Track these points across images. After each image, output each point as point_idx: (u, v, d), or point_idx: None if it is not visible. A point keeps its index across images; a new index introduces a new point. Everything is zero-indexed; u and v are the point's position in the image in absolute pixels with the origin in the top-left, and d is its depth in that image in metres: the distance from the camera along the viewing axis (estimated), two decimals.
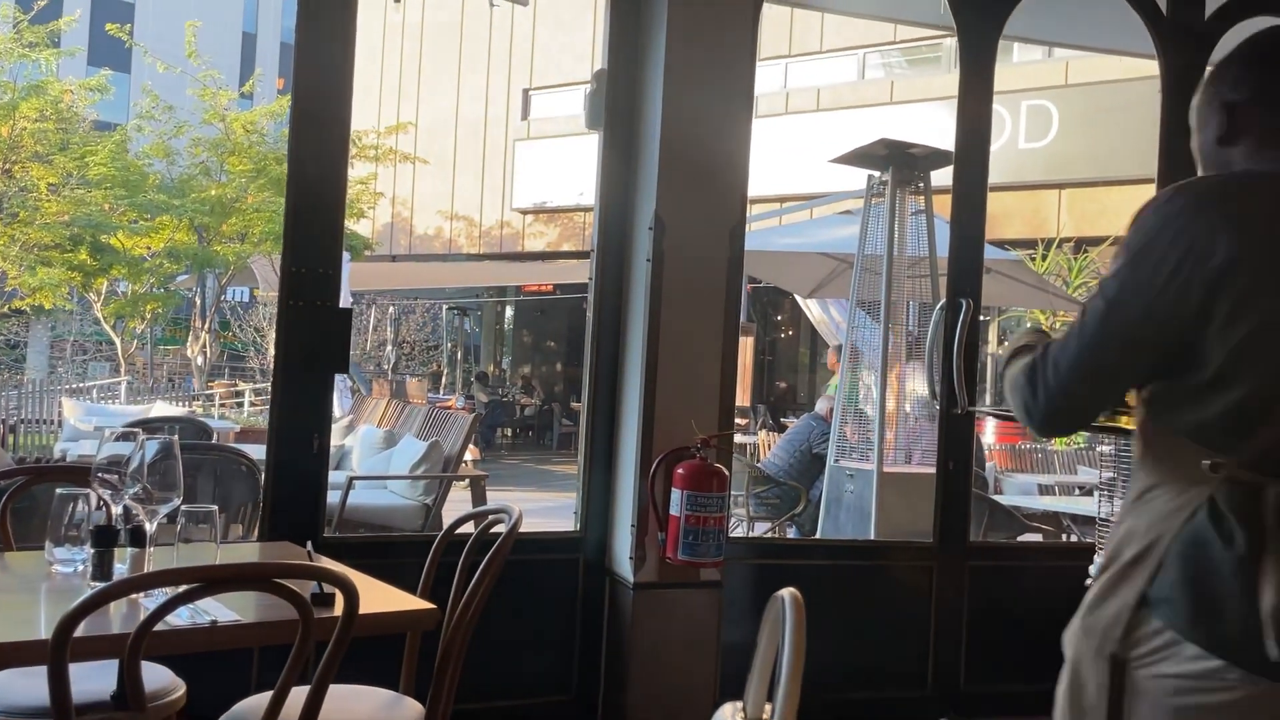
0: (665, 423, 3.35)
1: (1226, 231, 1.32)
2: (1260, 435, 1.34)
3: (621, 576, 3.39)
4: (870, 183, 4.90)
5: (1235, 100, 1.48)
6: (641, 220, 3.48)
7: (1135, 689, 1.38)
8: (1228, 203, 1.37)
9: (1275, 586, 1.26)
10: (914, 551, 3.89)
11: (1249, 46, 1.52)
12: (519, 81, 16.51)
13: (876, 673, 3.76)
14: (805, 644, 0.73)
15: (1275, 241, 1.33)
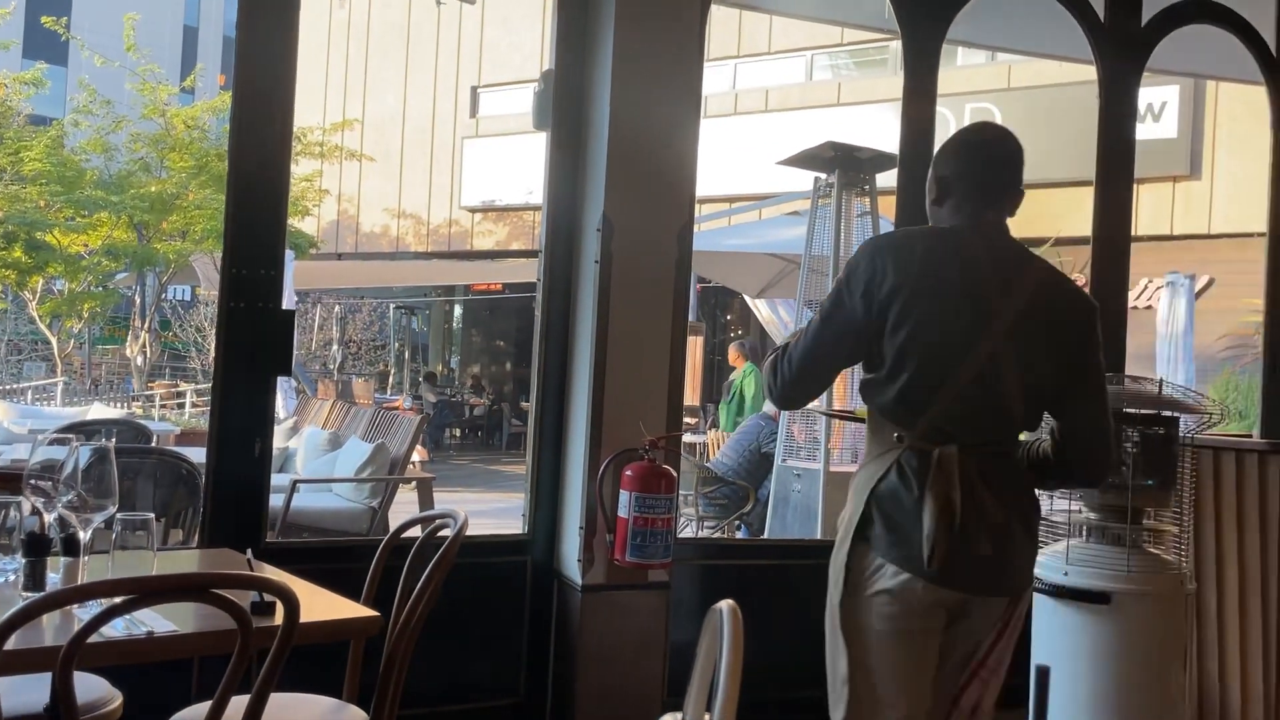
0: (613, 424, 3.35)
1: (893, 269, 1.95)
2: (927, 414, 1.93)
3: (569, 579, 3.38)
4: (817, 184, 4.93)
5: (944, 175, 2.10)
6: (589, 221, 3.47)
7: (859, 605, 2.01)
8: (898, 250, 2.00)
9: (932, 518, 1.87)
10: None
11: (957, 138, 2.14)
12: (467, 79, 16.39)
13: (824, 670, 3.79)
14: (742, 655, 0.74)
15: (925, 275, 1.95)
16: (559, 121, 3.55)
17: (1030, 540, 2.00)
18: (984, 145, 2.09)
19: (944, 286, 1.95)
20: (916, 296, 1.93)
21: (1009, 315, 1.92)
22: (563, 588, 3.42)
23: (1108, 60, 4.15)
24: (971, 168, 2.05)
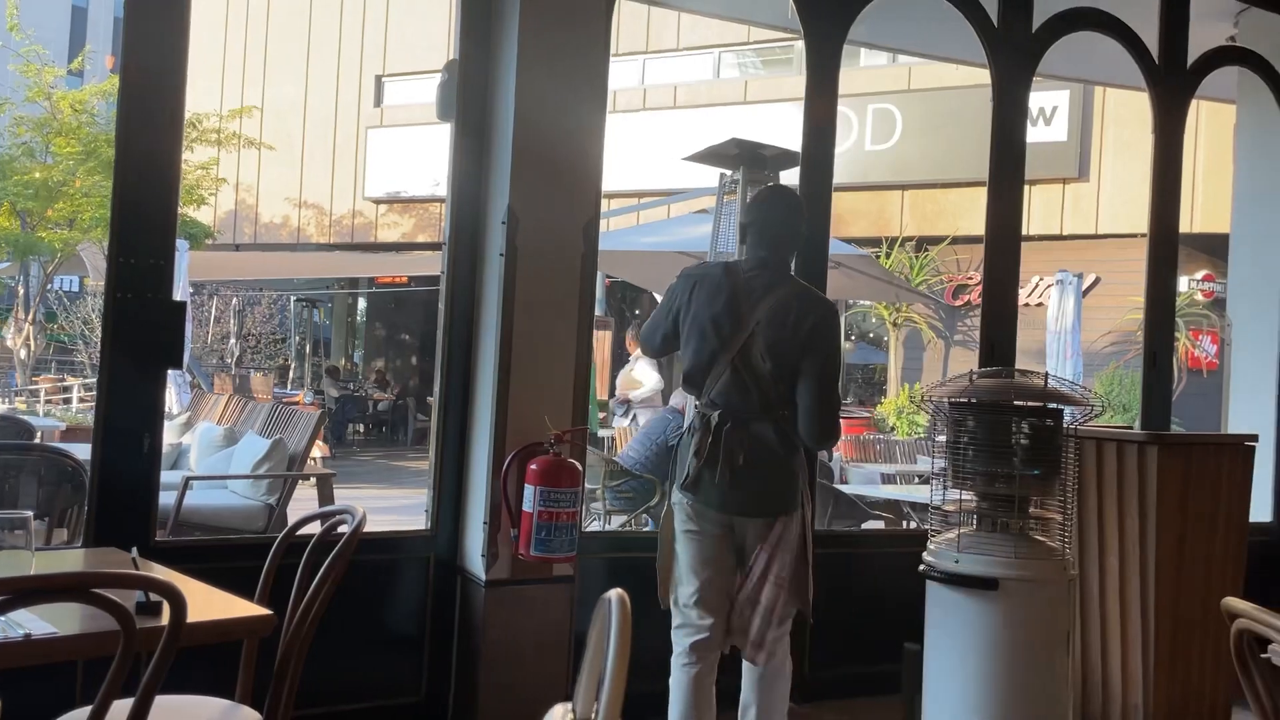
0: (519, 418, 3.33)
1: (686, 289, 2.91)
2: (704, 391, 2.84)
3: (473, 574, 3.35)
4: (722, 181, 4.97)
5: (744, 222, 2.99)
6: (494, 213, 3.44)
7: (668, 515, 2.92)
8: (692, 277, 2.94)
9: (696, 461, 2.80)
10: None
11: (754, 196, 3.19)
12: (372, 67, 16.06)
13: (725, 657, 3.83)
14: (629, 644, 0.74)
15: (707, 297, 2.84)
16: (463, 112, 3.51)
17: (771, 480, 2.77)
18: (766, 205, 2.97)
19: (715, 305, 2.82)
20: (699, 311, 2.84)
21: (754, 324, 2.77)
22: (466, 584, 3.39)
23: (1000, 64, 4.29)
24: (756, 221, 2.92)
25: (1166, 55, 4.64)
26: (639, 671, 2.79)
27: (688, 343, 2.85)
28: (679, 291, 2.91)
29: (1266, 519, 4.85)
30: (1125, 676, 3.42)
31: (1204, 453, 3.48)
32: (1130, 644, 3.41)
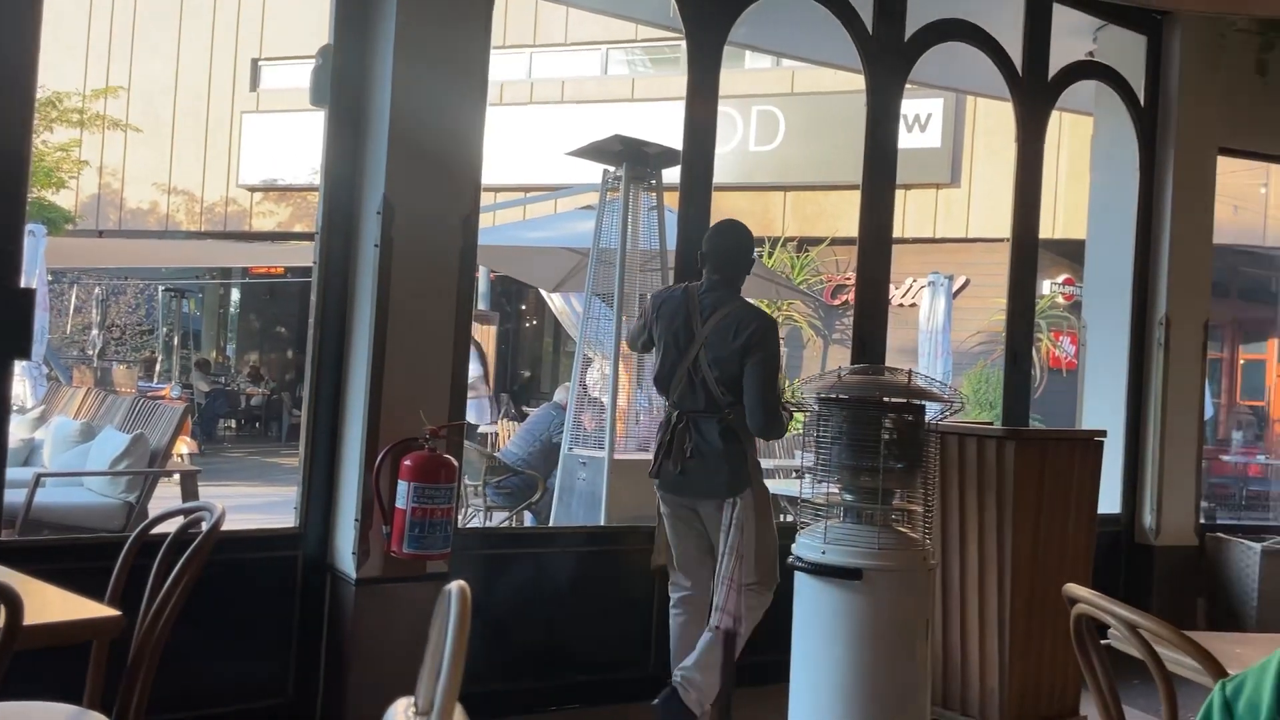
0: (392, 413, 3.27)
1: (655, 307, 3.47)
2: (669, 393, 3.37)
3: (343, 573, 3.28)
4: (605, 177, 4.99)
5: (703, 251, 3.45)
6: (369, 204, 3.37)
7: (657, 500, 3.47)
8: (659, 298, 3.50)
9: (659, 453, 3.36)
10: (645, 535, 4.01)
11: (713, 228, 3.56)
12: (248, 50, 15.51)
13: (603, 653, 3.84)
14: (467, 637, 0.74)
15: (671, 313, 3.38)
16: (338, 100, 3.43)
17: (713, 469, 3.23)
18: (721, 235, 3.47)
19: (675, 322, 3.36)
20: (664, 327, 3.39)
21: (702, 337, 3.29)
22: (336, 582, 3.31)
23: (874, 70, 4.42)
24: (713, 249, 3.42)
25: (1029, 68, 4.86)
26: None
27: (657, 353, 3.42)
28: (650, 310, 3.50)
29: (1116, 510, 5.14)
30: (983, 660, 3.57)
31: (1058, 448, 3.66)
32: (988, 629, 3.56)
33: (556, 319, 10.48)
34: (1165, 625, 1.60)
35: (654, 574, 3.81)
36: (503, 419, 8.88)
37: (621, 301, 4.77)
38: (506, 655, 3.64)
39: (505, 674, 3.63)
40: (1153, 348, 5.13)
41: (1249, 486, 9.72)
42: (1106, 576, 5.02)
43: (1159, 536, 5.06)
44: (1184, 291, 5.16)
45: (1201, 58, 5.17)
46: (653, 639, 3.91)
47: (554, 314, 10.12)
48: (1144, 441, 5.13)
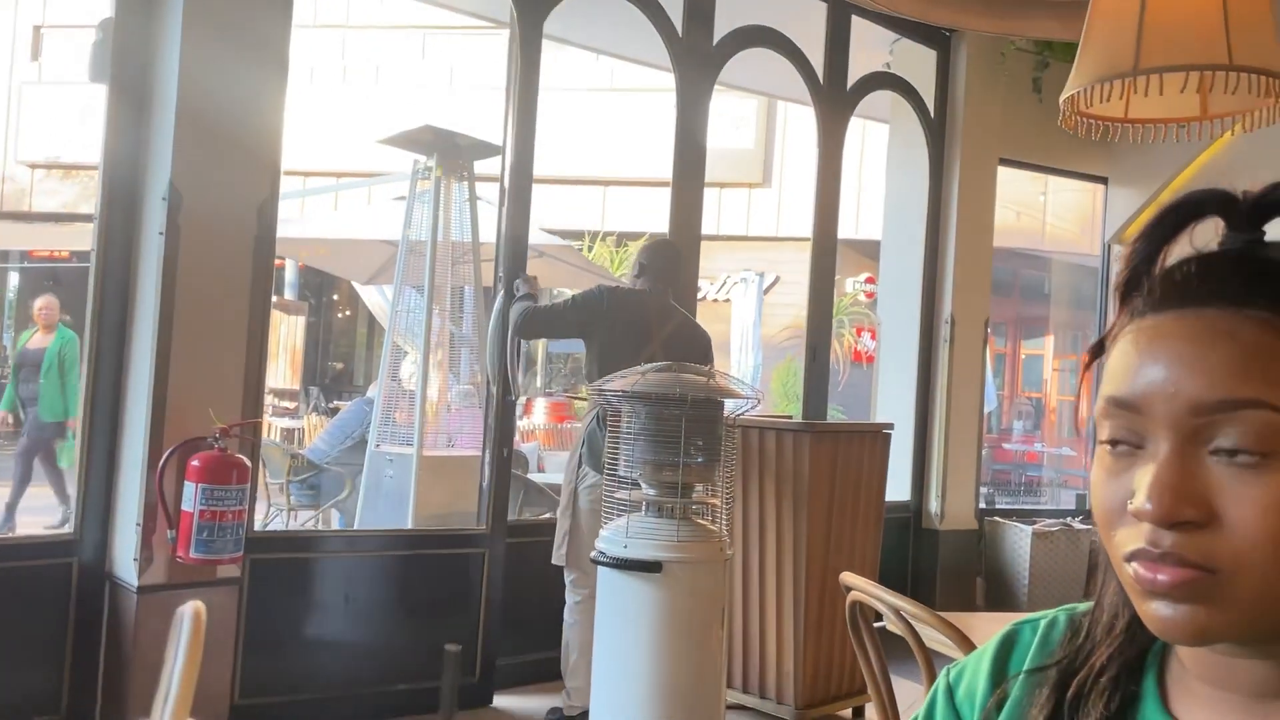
0: (179, 411, 3.10)
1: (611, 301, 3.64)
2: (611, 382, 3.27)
3: (123, 580, 3.09)
4: (416, 167, 4.88)
5: (641, 262, 3.80)
6: (154, 188, 3.18)
7: (577, 492, 3.52)
8: (618, 294, 3.72)
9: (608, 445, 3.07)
10: (460, 538, 3.94)
11: (654, 245, 3.99)
12: (29, 16, 14.30)
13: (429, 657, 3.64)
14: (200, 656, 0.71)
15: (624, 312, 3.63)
16: (119, 76, 3.22)
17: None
18: (660, 251, 3.88)
19: (634, 324, 3.63)
20: (621, 326, 3.61)
21: (661, 335, 3.61)
22: (116, 590, 3.12)
23: (684, 71, 4.51)
24: (654, 262, 3.77)
25: (829, 76, 5.08)
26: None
27: (608, 349, 3.54)
28: (599, 303, 3.61)
29: (906, 497, 5.46)
30: (780, 644, 3.72)
31: (849, 439, 3.85)
32: (784, 614, 3.71)
33: (370, 313, 10.19)
34: (923, 607, 1.72)
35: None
36: (311, 413, 8.56)
37: (432, 294, 4.69)
38: (312, 664, 3.51)
39: (311, 684, 3.49)
40: (939, 344, 5.47)
41: (1027, 472, 10.51)
42: (897, 560, 5.34)
43: (943, 521, 5.41)
44: (967, 292, 5.52)
45: (984, 74, 5.55)
46: (478, 649, 3.81)
47: (368, 308, 9.84)
48: (930, 433, 5.46)
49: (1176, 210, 0.70)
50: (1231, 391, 0.59)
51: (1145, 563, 0.61)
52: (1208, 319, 0.62)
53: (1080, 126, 3.52)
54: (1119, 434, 0.64)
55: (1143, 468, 0.62)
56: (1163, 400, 0.61)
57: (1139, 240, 0.70)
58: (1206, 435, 0.60)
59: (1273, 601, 0.60)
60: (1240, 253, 0.66)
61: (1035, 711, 0.72)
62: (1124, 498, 0.62)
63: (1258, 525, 0.58)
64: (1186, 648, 0.67)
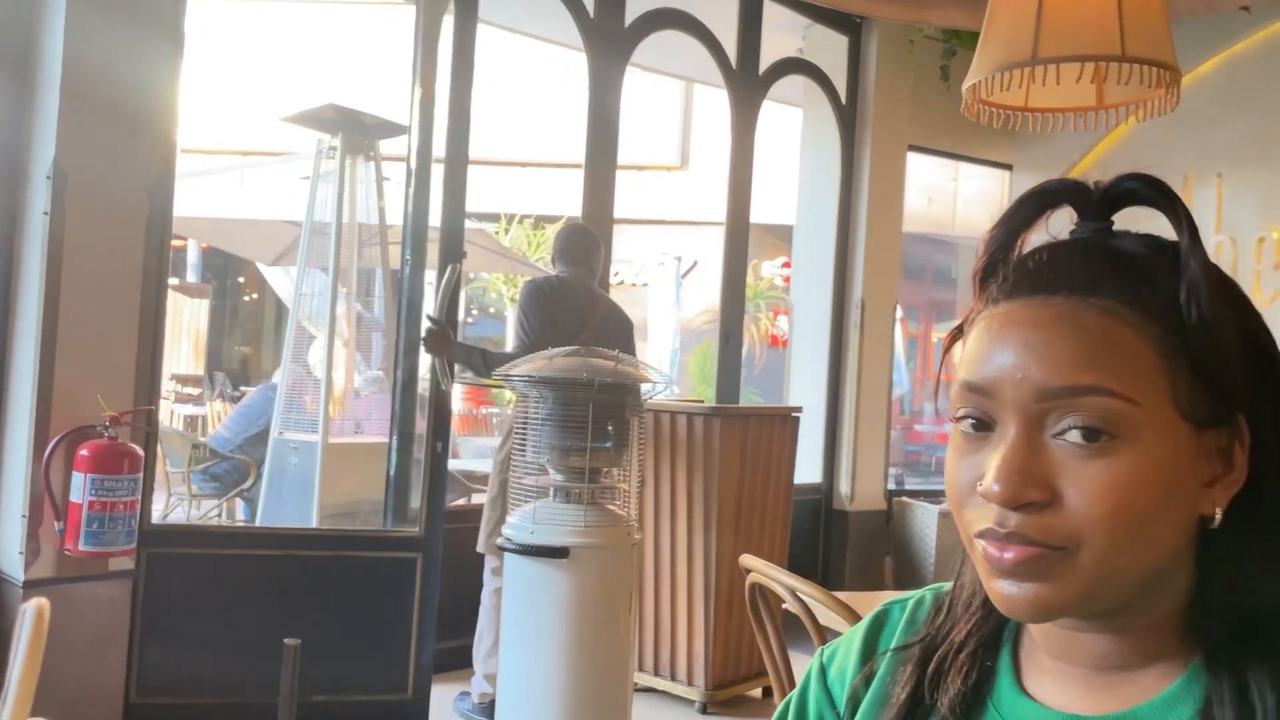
0: (66, 398, 2.97)
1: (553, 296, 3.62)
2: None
3: (9, 574, 2.96)
4: (320, 146, 4.76)
5: (558, 249, 3.82)
6: (38, 166, 3.03)
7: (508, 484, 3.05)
8: (551, 284, 3.68)
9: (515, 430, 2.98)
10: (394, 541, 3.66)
11: (571, 230, 3.91)
12: None
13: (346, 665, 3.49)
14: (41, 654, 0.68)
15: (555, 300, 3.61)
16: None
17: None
18: (578, 237, 3.83)
19: (566, 309, 3.59)
20: (558, 314, 3.57)
21: (593, 321, 3.62)
22: (0, 584, 2.98)
23: (596, 53, 4.47)
24: (571, 248, 3.76)
25: (742, 60, 5.10)
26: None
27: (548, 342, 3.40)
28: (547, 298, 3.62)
29: (818, 479, 5.54)
30: (690, 627, 3.74)
31: (758, 423, 3.88)
32: (695, 598, 3.73)
33: (278, 296, 9.94)
34: (817, 588, 1.74)
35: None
36: (216, 400, 8.33)
37: (337, 276, 4.58)
38: (214, 664, 3.35)
39: (214, 685, 3.34)
40: (850, 328, 5.55)
41: (938, 453, 10.78)
42: (809, 541, 5.41)
43: (853, 502, 5.51)
44: (878, 276, 5.61)
45: (894, 61, 5.62)
46: (411, 659, 3.54)
47: (274, 291, 9.60)
48: (841, 415, 5.55)
49: (1032, 199, 0.71)
50: (1074, 379, 0.61)
51: (993, 541, 0.63)
52: (1055, 307, 0.64)
53: (982, 114, 3.58)
54: (971, 416, 0.65)
55: (993, 450, 0.64)
56: (1011, 386, 0.63)
57: (997, 227, 0.72)
58: (1051, 419, 0.62)
59: (1111, 577, 0.62)
60: (1089, 242, 0.68)
61: (899, 689, 0.74)
62: (974, 478, 0.64)
63: (1097, 504, 0.60)
64: (1035, 624, 0.69)
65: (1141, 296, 0.63)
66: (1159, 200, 0.67)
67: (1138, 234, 0.68)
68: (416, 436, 3.84)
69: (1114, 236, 0.68)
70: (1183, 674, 0.64)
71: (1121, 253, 0.66)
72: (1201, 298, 0.63)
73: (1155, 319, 0.63)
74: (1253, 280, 5.26)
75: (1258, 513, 0.64)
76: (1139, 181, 0.68)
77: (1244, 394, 0.64)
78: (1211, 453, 0.64)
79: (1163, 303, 0.63)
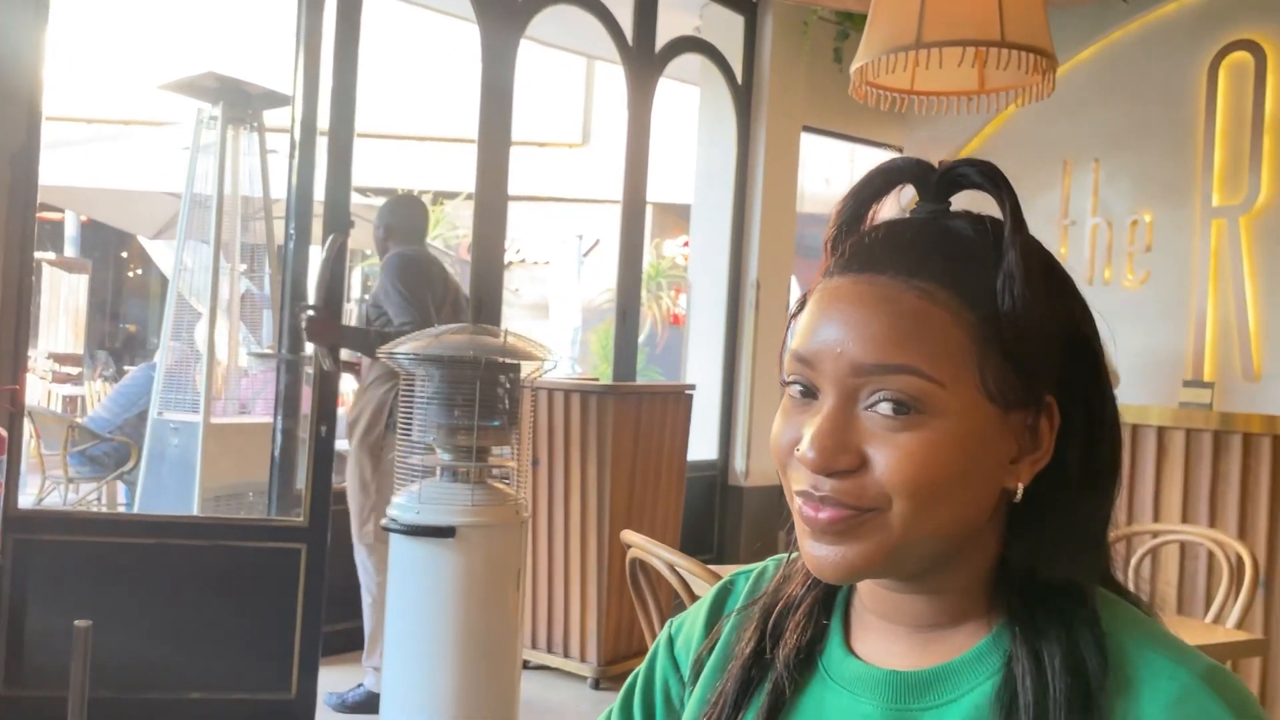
0: None
1: (427, 273, 3.66)
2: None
3: None
4: (200, 116, 4.59)
5: (389, 223, 3.74)
6: None
7: (380, 456, 3.44)
8: (420, 262, 3.67)
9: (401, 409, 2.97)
10: (276, 530, 3.50)
11: (400, 202, 4.00)
12: None
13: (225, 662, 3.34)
14: None
15: (425, 270, 3.65)
16: None
17: None
18: (413, 206, 3.91)
19: (435, 282, 3.61)
20: (434, 288, 3.58)
21: (451, 295, 3.64)
22: None
23: (488, 25, 4.40)
24: (404, 220, 3.73)
25: (638, 37, 5.08)
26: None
27: (426, 309, 3.49)
28: (419, 272, 3.58)
29: (714, 456, 5.60)
30: (583, 604, 3.75)
31: (652, 401, 3.90)
32: (588, 575, 3.74)
33: (160, 271, 9.58)
34: (694, 561, 1.76)
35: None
36: (97, 379, 7.99)
37: (219, 250, 4.43)
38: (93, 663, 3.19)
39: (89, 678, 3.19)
40: (745, 307, 5.61)
41: None
42: (704, 517, 5.48)
43: (749, 478, 5.59)
44: (773, 256, 5.68)
45: (788, 42, 5.68)
46: (295, 657, 3.36)
47: (157, 266, 9.24)
48: (736, 393, 5.62)
49: (880, 174, 0.73)
50: (887, 357, 0.64)
51: (808, 502, 0.67)
52: (880, 287, 0.66)
53: (870, 96, 3.65)
54: (799, 383, 0.69)
55: (812, 417, 0.67)
56: (831, 359, 0.66)
57: (846, 199, 0.73)
58: (864, 393, 0.65)
59: (914, 540, 0.65)
60: (923, 223, 0.69)
61: (743, 645, 0.77)
62: (796, 441, 0.67)
63: (900, 472, 0.64)
64: (864, 587, 0.74)
65: (961, 281, 0.66)
66: (988, 186, 0.69)
67: (971, 216, 0.70)
68: (303, 417, 3.74)
69: (948, 218, 0.70)
70: (989, 634, 0.68)
71: (951, 235, 0.68)
72: (1016, 287, 0.65)
73: (972, 304, 0.65)
74: (1126, 261, 5.49)
75: (1060, 489, 0.68)
76: (973, 167, 0.70)
77: (1055, 378, 0.67)
78: (1019, 431, 0.67)
79: (982, 288, 0.66)
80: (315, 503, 3.45)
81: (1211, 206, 5.25)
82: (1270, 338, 5.08)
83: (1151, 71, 5.48)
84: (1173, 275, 5.35)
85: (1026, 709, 0.63)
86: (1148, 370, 5.24)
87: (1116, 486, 0.71)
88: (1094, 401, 0.69)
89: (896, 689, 0.69)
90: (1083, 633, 0.65)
